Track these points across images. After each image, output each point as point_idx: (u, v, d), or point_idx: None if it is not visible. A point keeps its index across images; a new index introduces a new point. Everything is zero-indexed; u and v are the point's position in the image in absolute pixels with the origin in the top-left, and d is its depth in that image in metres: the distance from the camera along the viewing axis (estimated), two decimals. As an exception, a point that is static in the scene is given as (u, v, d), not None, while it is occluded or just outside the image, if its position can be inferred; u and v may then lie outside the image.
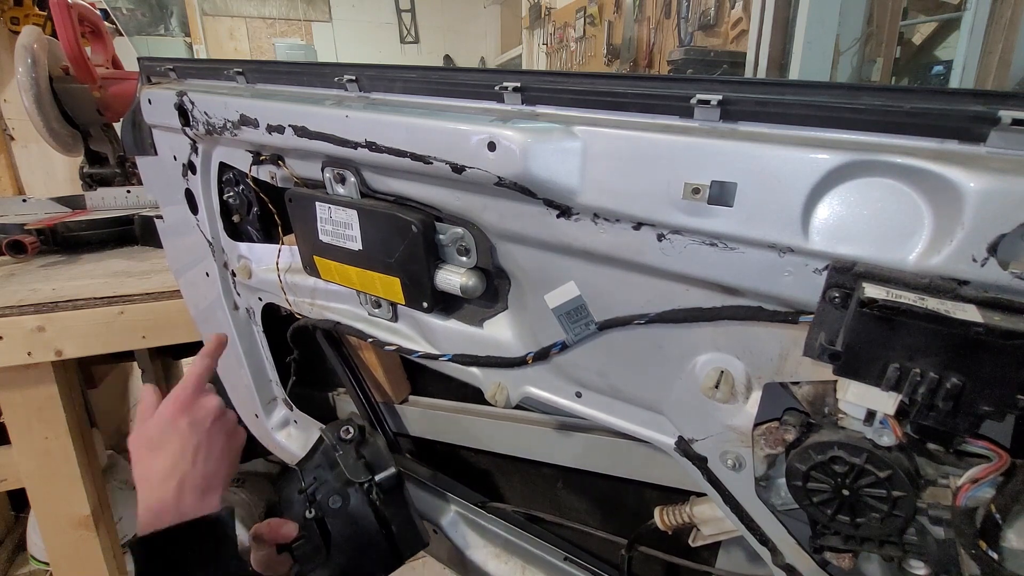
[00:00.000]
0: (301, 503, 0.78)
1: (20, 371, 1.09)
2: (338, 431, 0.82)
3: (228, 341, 0.82)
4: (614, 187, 0.49)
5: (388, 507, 0.78)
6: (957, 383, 0.37)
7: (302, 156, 0.72)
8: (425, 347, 0.78)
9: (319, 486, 0.79)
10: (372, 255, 0.69)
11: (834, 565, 0.53)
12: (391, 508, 0.79)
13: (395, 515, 0.79)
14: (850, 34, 3.02)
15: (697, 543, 0.72)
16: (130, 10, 7.23)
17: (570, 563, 0.89)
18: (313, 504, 0.77)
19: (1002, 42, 2.68)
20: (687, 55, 4.32)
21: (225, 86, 0.79)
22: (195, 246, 0.97)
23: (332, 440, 0.82)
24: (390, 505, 0.79)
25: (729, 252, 0.46)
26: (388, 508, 0.78)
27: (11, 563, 1.71)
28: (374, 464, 0.80)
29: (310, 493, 0.78)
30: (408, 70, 0.63)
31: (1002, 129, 0.37)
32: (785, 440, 0.51)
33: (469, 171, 0.54)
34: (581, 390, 0.67)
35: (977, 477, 0.43)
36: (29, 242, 1.35)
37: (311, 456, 0.83)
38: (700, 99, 0.45)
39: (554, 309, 0.60)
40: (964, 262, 0.38)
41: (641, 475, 0.78)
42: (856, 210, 0.41)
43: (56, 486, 1.20)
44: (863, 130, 0.42)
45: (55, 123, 1.75)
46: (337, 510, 0.78)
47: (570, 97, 0.53)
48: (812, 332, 0.44)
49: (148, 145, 0.93)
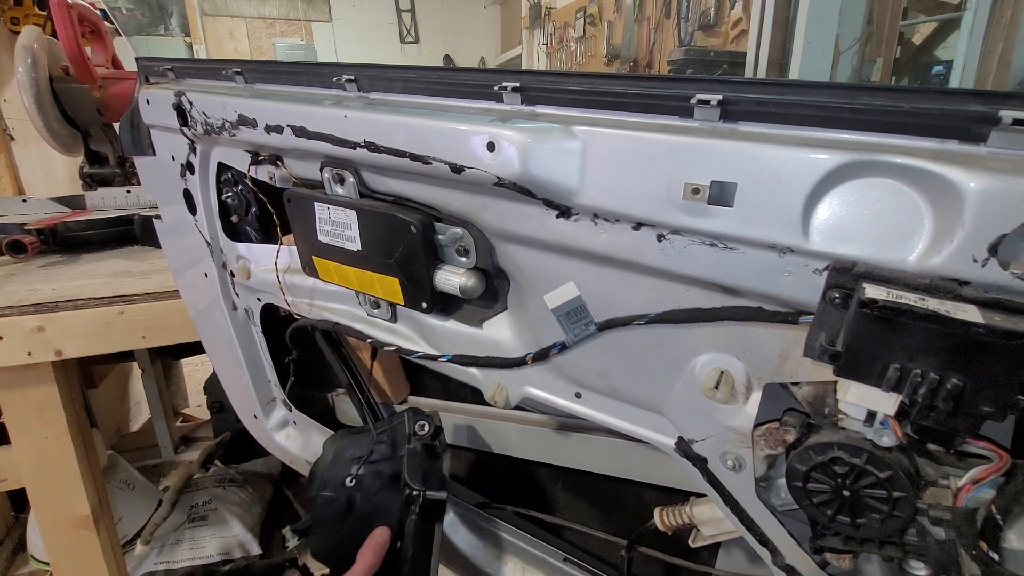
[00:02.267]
0: (347, 466, 0.76)
1: (20, 371, 1.09)
2: (417, 422, 0.78)
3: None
4: (614, 187, 0.49)
5: (416, 527, 0.73)
6: (958, 383, 0.37)
7: (301, 156, 0.72)
8: (424, 348, 0.78)
9: (371, 461, 0.76)
10: (371, 255, 0.69)
11: (834, 566, 0.53)
12: (418, 530, 0.73)
13: (418, 539, 0.73)
14: (850, 34, 3.02)
15: (697, 544, 0.72)
16: (130, 10, 7.23)
17: (570, 564, 0.89)
18: (355, 476, 0.75)
19: (1002, 42, 2.68)
20: (687, 55, 4.32)
21: (224, 86, 0.79)
22: (194, 246, 0.97)
23: (409, 428, 0.78)
24: (419, 526, 0.73)
25: (729, 252, 0.46)
26: (416, 527, 0.73)
27: (11, 563, 1.71)
28: (430, 478, 0.75)
29: (362, 463, 0.75)
30: (407, 70, 0.63)
31: (1002, 129, 0.37)
32: (785, 441, 0.51)
33: (468, 171, 0.54)
34: (581, 391, 0.67)
35: (978, 478, 0.43)
36: (29, 242, 1.35)
37: (383, 431, 0.80)
38: (700, 99, 0.45)
39: (553, 310, 0.60)
40: (965, 262, 0.38)
41: (641, 475, 0.78)
42: (856, 210, 0.41)
43: (56, 486, 1.19)
44: (863, 130, 0.42)
45: (55, 123, 1.75)
46: (372, 495, 0.75)
47: (570, 97, 0.53)
48: (812, 332, 0.44)
49: (146, 145, 0.93)
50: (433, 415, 0.79)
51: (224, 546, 1.59)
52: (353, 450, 0.77)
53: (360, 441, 0.78)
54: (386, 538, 0.71)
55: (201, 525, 1.64)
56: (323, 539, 0.74)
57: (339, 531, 0.74)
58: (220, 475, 1.86)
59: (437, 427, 0.77)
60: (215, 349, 1.09)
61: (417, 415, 0.78)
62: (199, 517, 1.67)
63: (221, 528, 1.64)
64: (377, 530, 0.72)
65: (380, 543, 0.71)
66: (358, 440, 0.78)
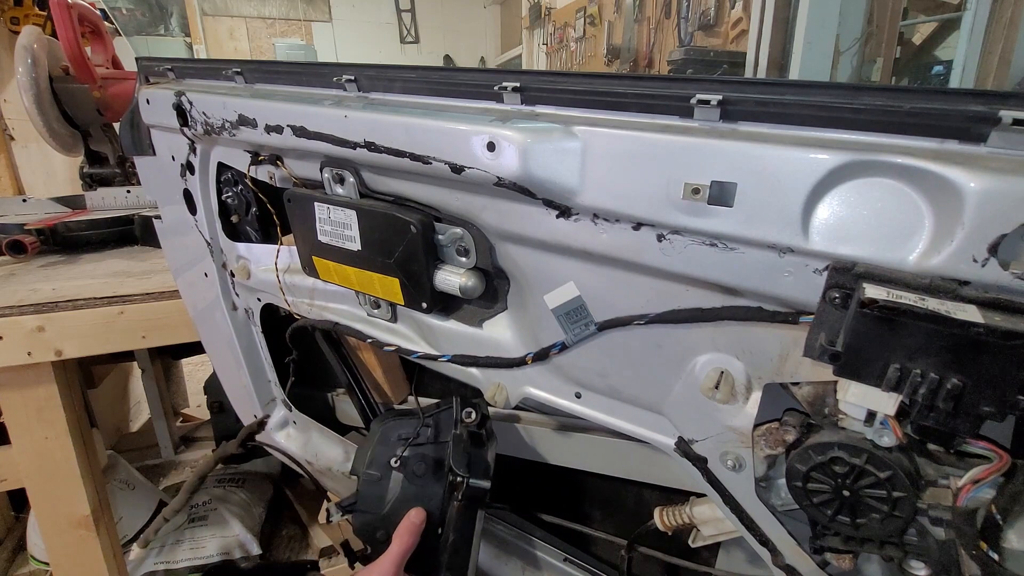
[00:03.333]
0: (393, 447, 0.76)
1: (20, 371, 1.09)
2: (464, 408, 0.77)
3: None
4: (614, 187, 0.49)
5: (459, 514, 0.72)
6: (958, 384, 0.37)
7: (301, 156, 0.72)
8: (424, 348, 0.78)
9: (417, 444, 0.77)
10: (371, 255, 0.69)
11: (834, 566, 0.53)
12: (460, 517, 0.72)
13: (459, 526, 0.72)
14: (850, 34, 3.02)
15: (697, 544, 0.72)
16: (130, 10, 7.23)
17: (570, 563, 0.89)
18: (400, 458, 0.75)
19: (1002, 42, 2.68)
20: (687, 55, 4.31)
21: (224, 86, 0.79)
22: (194, 246, 0.97)
23: (456, 414, 0.77)
24: (461, 513, 0.72)
25: (729, 252, 0.46)
26: (458, 514, 0.72)
27: (11, 563, 1.71)
28: (475, 466, 0.74)
29: (408, 444, 0.75)
30: (407, 70, 0.63)
31: (1002, 129, 0.37)
32: (785, 441, 0.51)
33: (468, 171, 0.54)
34: (581, 391, 0.67)
35: (978, 478, 0.43)
36: (29, 242, 1.35)
37: (431, 415, 0.79)
38: (700, 99, 0.45)
39: (554, 309, 0.60)
40: (964, 262, 0.37)
41: (641, 475, 0.78)
42: (856, 210, 0.41)
43: (56, 486, 1.19)
44: (863, 130, 0.42)
45: (55, 123, 1.75)
46: (416, 477, 0.75)
47: (570, 97, 0.53)
48: (812, 332, 0.44)
49: (146, 145, 0.93)
50: (480, 403, 0.78)
51: (224, 546, 1.59)
52: (400, 431, 0.77)
53: (407, 424, 0.78)
54: (421, 519, 0.72)
55: (201, 525, 1.64)
56: (365, 517, 0.75)
57: (381, 510, 0.74)
58: (220, 475, 1.86)
59: (484, 415, 0.76)
60: (215, 349, 1.09)
61: (465, 402, 0.78)
62: (199, 517, 1.67)
63: (221, 528, 1.64)
64: (412, 511, 0.72)
65: (416, 524, 0.71)
66: (405, 423, 0.78)
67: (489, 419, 0.77)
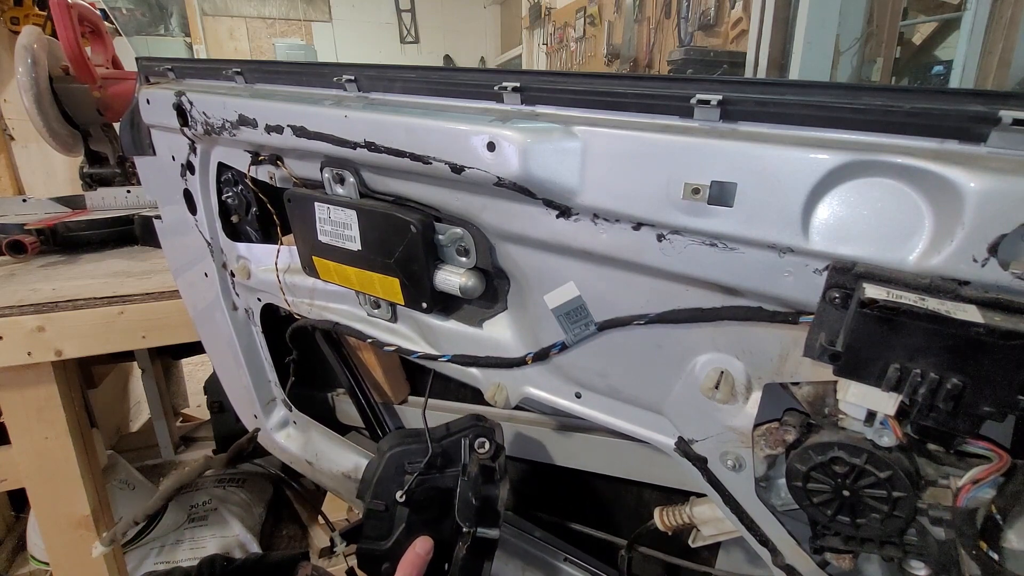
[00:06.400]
0: (400, 474, 0.71)
1: (20, 371, 1.09)
2: (477, 438, 0.72)
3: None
4: (614, 187, 0.49)
5: (465, 560, 0.68)
6: (958, 384, 0.37)
7: (301, 156, 0.72)
8: (424, 348, 0.78)
9: (427, 476, 0.72)
10: (371, 255, 0.69)
11: (834, 566, 0.53)
12: (466, 563, 0.69)
13: (466, 570, 0.69)
14: (850, 34, 3.02)
15: (697, 544, 0.72)
16: (130, 10, 7.23)
17: (570, 563, 0.89)
18: (408, 488, 0.71)
19: (1002, 42, 2.68)
20: (687, 55, 4.31)
21: (224, 86, 0.79)
22: (194, 246, 0.97)
23: (470, 442, 0.72)
24: (467, 560, 0.69)
25: (729, 252, 0.46)
26: (464, 561, 0.68)
27: (11, 563, 1.71)
28: (484, 512, 0.70)
29: (416, 476, 0.71)
30: (407, 70, 0.63)
31: (1002, 129, 0.37)
32: (785, 441, 0.51)
33: (468, 171, 0.54)
34: (581, 391, 0.67)
35: (978, 478, 0.43)
36: (29, 242, 1.35)
37: (444, 437, 0.74)
38: (700, 99, 0.45)
39: (554, 309, 0.60)
40: (964, 262, 0.38)
41: (641, 475, 0.78)
42: (856, 210, 0.41)
43: (56, 486, 1.19)
44: (863, 130, 0.42)
45: (55, 123, 1.75)
46: (424, 509, 0.71)
47: (570, 97, 0.53)
48: (812, 332, 0.44)
49: (147, 145, 0.93)
50: (495, 429, 0.73)
51: (224, 546, 1.59)
52: (408, 459, 0.73)
53: (416, 452, 0.73)
54: (427, 550, 0.69)
55: (201, 525, 1.64)
56: (368, 547, 0.72)
57: (386, 543, 0.72)
58: (220, 475, 1.86)
59: (499, 446, 0.72)
60: (215, 349, 1.09)
61: (478, 429, 0.73)
62: (199, 517, 1.67)
63: (221, 528, 1.64)
64: (418, 541, 0.69)
65: (422, 556, 0.68)
66: (412, 450, 0.73)
67: (503, 450, 0.73)
